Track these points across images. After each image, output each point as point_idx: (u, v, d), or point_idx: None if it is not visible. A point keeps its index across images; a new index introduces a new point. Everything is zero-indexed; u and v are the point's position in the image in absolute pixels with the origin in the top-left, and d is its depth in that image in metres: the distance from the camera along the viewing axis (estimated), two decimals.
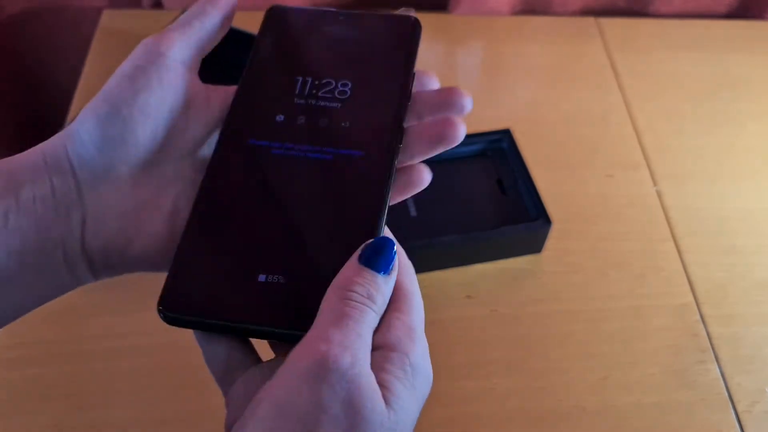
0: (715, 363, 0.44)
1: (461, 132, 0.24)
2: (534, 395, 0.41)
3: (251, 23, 0.62)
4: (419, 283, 0.49)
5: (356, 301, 0.21)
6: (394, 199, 0.25)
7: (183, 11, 0.63)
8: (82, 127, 0.23)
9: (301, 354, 0.20)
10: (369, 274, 0.22)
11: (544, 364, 0.43)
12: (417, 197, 0.48)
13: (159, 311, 0.22)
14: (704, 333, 0.45)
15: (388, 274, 0.22)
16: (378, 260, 0.22)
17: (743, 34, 0.67)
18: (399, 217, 0.46)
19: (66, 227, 0.22)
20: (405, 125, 0.25)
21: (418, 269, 0.47)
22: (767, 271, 0.49)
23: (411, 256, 0.48)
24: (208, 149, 0.25)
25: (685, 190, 0.53)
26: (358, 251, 0.22)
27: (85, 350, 0.42)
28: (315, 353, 0.19)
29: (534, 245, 0.48)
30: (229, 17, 0.26)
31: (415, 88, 0.26)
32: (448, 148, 0.25)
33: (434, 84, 0.27)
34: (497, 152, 0.51)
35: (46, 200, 0.22)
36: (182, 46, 0.24)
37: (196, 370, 0.41)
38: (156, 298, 0.23)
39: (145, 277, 0.47)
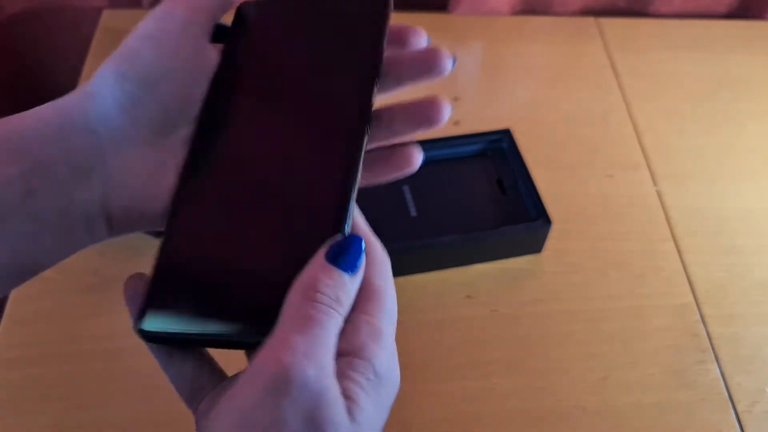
0: (715, 363, 0.44)
1: (446, 115, 0.24)
2: (534, 395, 0.41)
3: None
4: (419, 283, 0.49)
5: (323, 303, 0.20)
6: (385, 178, 0.25)
7: None
8: (103, 87, 0.23)
9: (263, 363, 0.19)
10: (336, 273, 0.20)
11: (544, 364, 0.43)
12: (417, 197, 0.48)
13: (136, 330, 0.22)
14: (704, 333, 0.45)
15: (355, 274, 0.21)
16: (345, 258, 0.21)
17: (743, 34, 0.67)
18: (399, 217, 0.46)
19: (86, 188, 0.22)
20: (375, 99, 0.24)
21: (418, 269, 0.48)
22: (767, 271, 0.49)
23: (411, 256, 0.48)
24: None
25: (685, 190, 0.53)
26: (324, 248, 0.21)
27: (85, 350, 0.42)
28: (277, 364, 0.18)
29: (534, 245, 0.48)
30: None
31: (400, 48, 0.25)
32: (431, 130, 0.24)
33: (423, 42, 0.25)
34: (497, 152, 0.51)
35: (65, 162, 0.22)
36: (200, 10, 0.24)
37: None
38: None
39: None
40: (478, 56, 0.64)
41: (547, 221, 0.46)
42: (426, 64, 0.24)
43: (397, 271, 0.46)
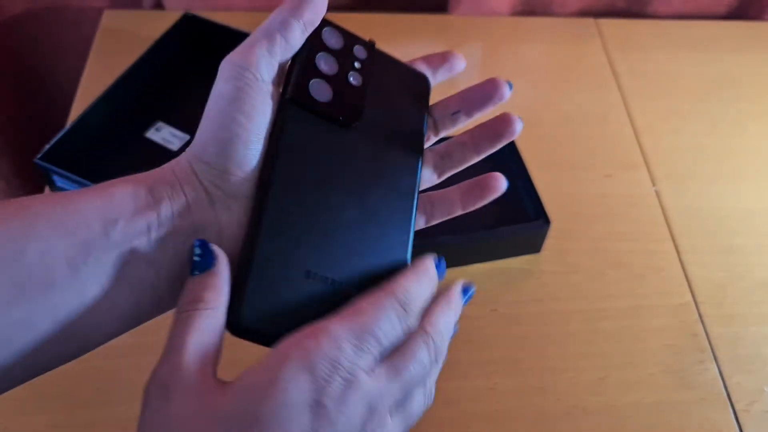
0: (714, 362, 0.44)
1: (519, 126, 0.30)
2: (533, 394, 0.42)
3: (251, 23, 0.62)
4: None
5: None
6: (477, 204, 0.29)
7: (184, 12, 0.63)
8: (205, 153, 0.24)
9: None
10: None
11: (544, 363, 0.43)
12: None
13: (230, 323, 0.23)
14: (703, 333, 0.45)
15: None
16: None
17: (742, 35, 0.67)
18: None
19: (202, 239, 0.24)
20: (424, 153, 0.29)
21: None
22: (766, 271, 0.49)
23: (411, 255, 0.47)
24: None
25: (684, 190, 0.53)
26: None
27: None
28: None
29: (533, 245, 0.48)
30: (312, 25, 0.26)
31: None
32: (509, 141, 0.29)
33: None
34: (496, 152, 0.51)
35: (184, 215, 0.24)
36: (268, 64, 0.25)
37: None
38: None
39: None
40: (478, 57, 0.64)
41: (546, 221, 0.46)
42: (488, 96, 0.30)
43: None
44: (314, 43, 0.27)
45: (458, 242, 0.45)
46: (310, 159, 0.25)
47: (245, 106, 0.24)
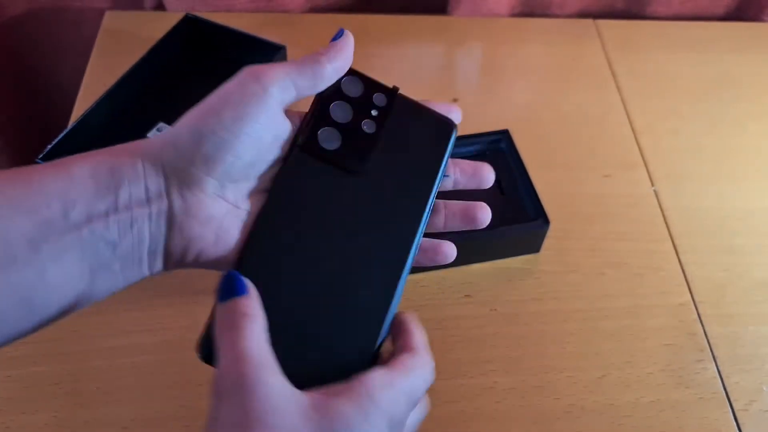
0: (713, 362, 0.44)
1: (488, 217, 0.30)
2: (533, 393, 0.42)
3: (252, 25, 0.63)
4: (419, 282, 0.50)
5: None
6: (424, 264, 0.29)
7: (186, 14, 0.63)
8: (179, 140, 0.25)
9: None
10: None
11: (543, 362, 0.43)
12: None
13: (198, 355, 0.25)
14: (702, 332, 0.45)
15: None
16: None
17: (740, 36, 0.67)
18: None
19: (155, 227, 0.25)
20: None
21: (418, 269, 0.48)
22: (765, 270, 0.49)
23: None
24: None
25: (683, 191, 0.54)
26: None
27: (86, 348, 0.42)
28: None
29: (532, 245, 0.48)
30: (341, 71, 0.28)
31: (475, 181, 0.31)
32: (476, 228, 0.30)
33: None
34: (496, 153, 0.51)
35: (141, 202, 0.24)
36: (285, 86, 0.26)
37: (196, 368, 0.41)
38: (155, 297, 0.24)
39: (146, 277, 0.47)
40: (477, 58, 0.64)
41: (545, 221, 0.46)
42: (475, 182, 0.31)
43: None
44: (333, 90, 0.27)
45: (458, 242, 0.45)
46: (307, 205, 0.26)
47: (239, 110, 0.25)
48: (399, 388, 0.24)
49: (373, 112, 0.28)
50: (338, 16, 0.67)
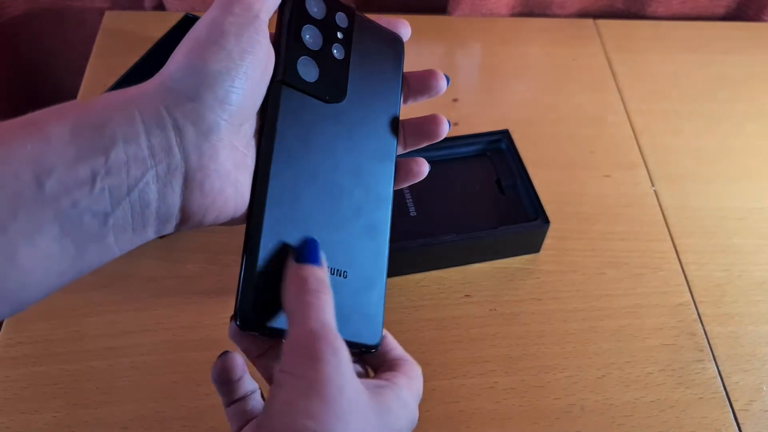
0: (713, 362, 0.44)
1: (446, 129, 0.29)
2: (533, 393, 0.42)
3: None
4: (419, 282, 0.49)
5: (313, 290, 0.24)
6: (397, 186, 0.29)
7: (186, 14, 0.63)
8: (182, 81, 0.22)
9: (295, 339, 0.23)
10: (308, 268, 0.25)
11: (543, 362, 0.43)
12: (416, 197, 0.48)
13: (237, 323, 0.24)
14: (702, 332, 0.45)
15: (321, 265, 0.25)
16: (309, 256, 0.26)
17: (740, 36, 0.67)
18: (399, 216, 0.46)
19: (166, 188, 0.21)
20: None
21: (418, 268, 0.48)
22: (765, 270, 0.49)
23: (411, 255, 0.48)
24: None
25: (683, 191, 0.54)
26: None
27: (87, 348, 0.42)
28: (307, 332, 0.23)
29: (532, 245, 0.48)
30: None
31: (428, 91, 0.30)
32: (434, 142, 0.29)
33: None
34: (496, 152, 0.51)
35: (141, 161, 0.21)
36: (269, 8, 0.24)
37: (196, 368, 0.42)
38: (154, 297, 0.24)
39: (146, 277, 0.47)
40: (477, 57, 0.64)
41: (545, 221, 0.46)
42: (426, 86, 0.29)
43: (397, 270, 0.47)
44: (299, 12, 0.27)
45: (457, 242, 0.45)
46: (303, 142, 0.26)
47: (242, 40, 0.22)
48: (415, 390, 0.26)
49: (339, 35, 0.28)
50: None
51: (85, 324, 0.43)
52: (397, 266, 0.46)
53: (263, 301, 0.24)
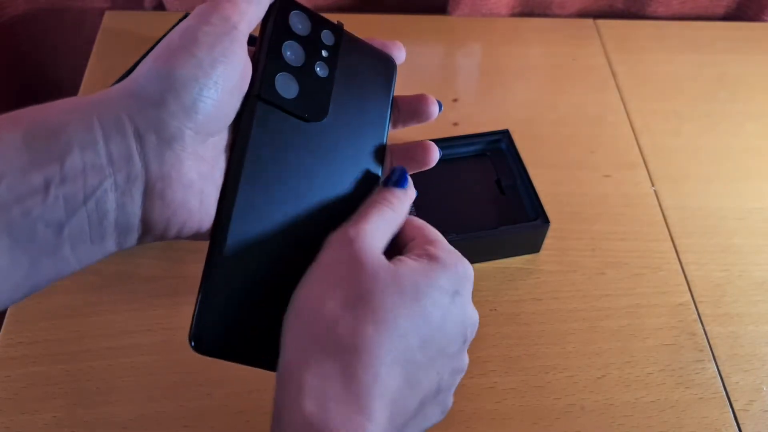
0: (713, 362, 0.44)
1: (436, 155, 0.29)
2: (533, 393, 0.42)
3: None
4: None
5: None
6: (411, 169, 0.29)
7: (186, 13, 0.63)
8: (147, 88, 0.21)
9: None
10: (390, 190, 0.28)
11: (543, 362, 0.43)
12: (416, 197, 0.48)
13: (191, 345, 0.23)
14: (702, 332, 0.45)
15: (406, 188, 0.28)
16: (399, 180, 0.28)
17: (740, 36, 0.67)
18: None
19: (125, 197, 0.20)
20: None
21: None
22: (765, 270, 0.49)
23: None
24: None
25: (683, 191, 0.54)
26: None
27: (87, 349, 0.42)
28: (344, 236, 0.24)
29: (532, 245, 0.48)
30: None
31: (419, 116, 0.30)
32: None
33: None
34: (496, 153, 0.51)
35: (99, 168, 0.20)
36: (250, 20, 0.23)
37: (196, 368, 0.42)
38: (154, 297, 0.23)
39: (145, 277, 0.47)
40: (477, 58, 0.64)
41: (545, 221, 0.46)
42: (416, 110, 0.29)
43: None
44: (282, 28, 0.26)
45: (458, 242, 0.45)
46: (276, 160, 0.25)
47: (215, 50, 0.21)
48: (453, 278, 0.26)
49: (324, 53, 0.27)
50: (338, 15, 0.67)
51: (85, 324, 0.43)
52: None
53: (222, 324, 0.23)
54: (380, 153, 0.28)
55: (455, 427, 0.40)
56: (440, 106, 0.29)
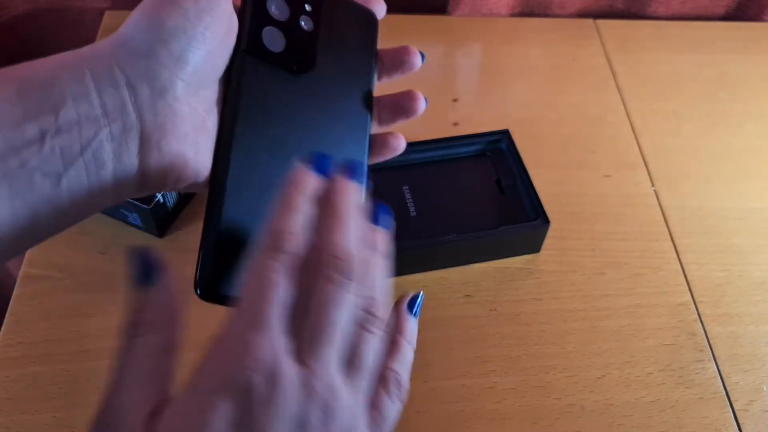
0: (713, 362, 0.44)
1: (422, 105, 0.29)
2: (532, 393, 0.42)
3: None
4: (419, 282, 0.50)
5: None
6: (373, 161, 0.29)
7: None
8: (136, 39, 0.21)
9: None
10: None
11: (543, 362, 0.43)
12: (416, 198, 0.48)
13: (197, 293, 0.23)
14: (702, 332, 0.45)
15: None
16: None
17: (740, 36, 0.67)
18: (399, 217, 0.46)
19: (121, 148, 0.21)
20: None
21: (418, 269, 0.48)
22: (765, 270, 0.49)
23: (411, 255, 0.48)
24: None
25: (683, 190, 0.54)
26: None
27: (87, 349, 0.42)
28: None
29: (532, 245, 0.48)
30: None
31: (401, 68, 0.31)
32: (410, 119, 0.29)
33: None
34: (496, 153, 0.51)
35: (94, 120, 0.20)
36: None
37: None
38: None
39: None
40: (477, 58, 0.64)
41: (545, 221, 0.46)
42: (400, 61, 0.29)
43: (397, 270, 0.46)
44: None
45: (458, 242, 0.45)
46: (268, 112, 0.26)
47: (201, 3, 0.22)
48: None
49: (307, 7, 0.28)
50: None
51: (85, 324, 0.43)
52: (397, 266, 0.46)
53: (225, 271, 0.23)
54: (368, 101, 0.29)
55: (455, 427, 0.40)
56: (423, 57, 0.29)
